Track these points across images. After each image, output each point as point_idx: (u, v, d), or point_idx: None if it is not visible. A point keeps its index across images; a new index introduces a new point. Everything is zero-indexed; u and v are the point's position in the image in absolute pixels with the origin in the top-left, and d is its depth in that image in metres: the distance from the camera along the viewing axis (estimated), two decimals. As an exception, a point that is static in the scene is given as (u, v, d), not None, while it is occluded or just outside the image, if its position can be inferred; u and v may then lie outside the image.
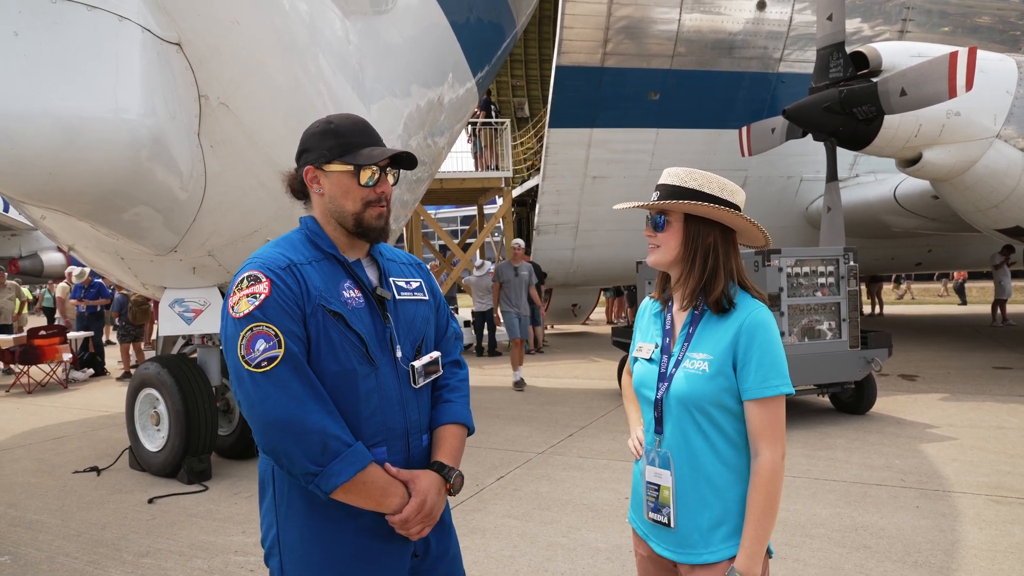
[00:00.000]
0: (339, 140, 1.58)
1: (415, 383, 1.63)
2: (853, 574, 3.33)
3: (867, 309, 19.60)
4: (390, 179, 1.63)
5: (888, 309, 20.82)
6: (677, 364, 1.62)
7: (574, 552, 3.71)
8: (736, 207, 1.63)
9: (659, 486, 1.63)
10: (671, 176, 1.65)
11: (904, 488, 4.55)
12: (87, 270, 11.80)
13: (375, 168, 1.59)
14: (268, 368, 1.42)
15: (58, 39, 3.18)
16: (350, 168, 1.57)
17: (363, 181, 1.58)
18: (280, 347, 1.44)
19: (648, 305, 1.84)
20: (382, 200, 1.62)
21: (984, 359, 10.15)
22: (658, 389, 1.65)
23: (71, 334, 11.44)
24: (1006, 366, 9.46)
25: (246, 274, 1.51)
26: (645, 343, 1.75)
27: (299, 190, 1.65)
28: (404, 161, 1.64)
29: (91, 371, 11.66)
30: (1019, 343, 11.89)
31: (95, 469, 5.64)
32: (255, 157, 4.34)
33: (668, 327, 1.70)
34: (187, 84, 3.83)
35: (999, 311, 15.32)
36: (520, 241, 9.79)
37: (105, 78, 3.34)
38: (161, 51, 3.61)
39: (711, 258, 1.62)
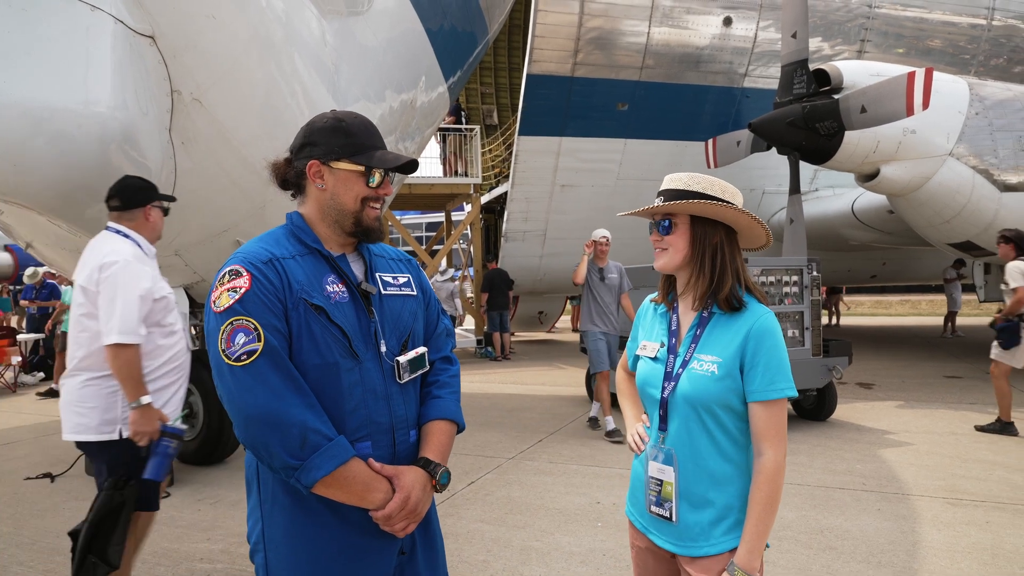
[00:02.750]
0: (350, 139, 1.59)
1: (400, 378, 1.62)
2: (821, 574, 3.40)
3: (824, 320, 20.08)
4: (390, 181, 1.66)
5: (844, 320, 21.38)
6: (684, 364, 1.66)
7: (548, 556, 3.71)
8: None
9: (662, 481, 1.66)
10: (674, 181, 1.69)
11: (865, 492, 4.68)
12: (40, 270, 11.40)
13: (382, 171, 1.61)
14: (248, 361, 1.42)
15: (27, 27, 3.08)
16: (360, 168, 1.59)
17: (370, 182, 1.60)
18: (259, 340, 1.43)
19: (650, 305, 1.87)
20: (380, 200, 1.64)
21: (936, 369, 10.51)
22: (664, 388, 1.68)
23: (21, 336, 11.03)
24: (957, 375, 9.80)
25: (228, 269, 1.50)
26: (649, 342, 1.78)
27: (291, 181, 1.64)
28: (406, 166, 1.65)
29: (41, 375, 11.25)
30: (968, 354, 12.33)
31: (48, 475, 5.43)
32: (227, 155, 4.25)
33: (674, 328, 1.73)
34: (160, 78, 3.74)
35: (950, 323, 15.89)
36: (605, 232, 6.69)
37: (75, 69, 3.24)
38: (134, 43, 3.51)
39: (719, 258, 1.66)
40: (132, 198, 2.96)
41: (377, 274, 1.67)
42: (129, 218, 2.97)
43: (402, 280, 1.73)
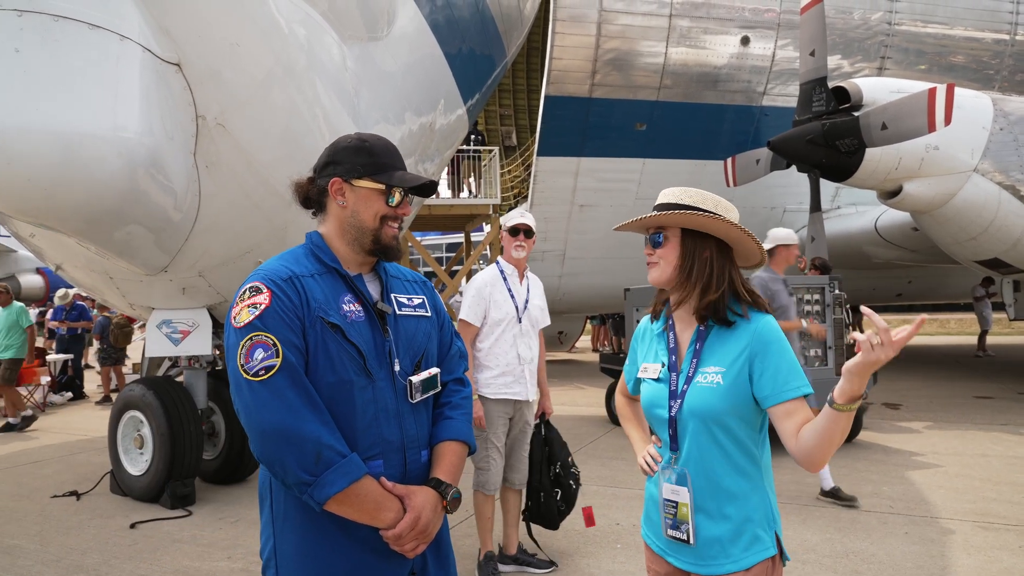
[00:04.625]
0: (372, 159, 1.63)
1: (412, 398, 1.63)
2: (846, 599, 3.33)
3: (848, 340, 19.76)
4: (409, 202, 1.69)
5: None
6: (688, 380, 1.64)
7: (567, 577, 3.68)
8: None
9: (677, 503, 1.63)
10: (667, 195, 1.69)
11: (893, 514, 4.57)
12: (71, 292, 11.65)
13: (401, 191, 1.65)
14: (265, 377, 1.44)
15: (59, 57, 3.20)
16: (381, 187, 1.62)
17: (390, 201, 1.64)
18: (278, 356, 1.45)
19: (646, 325, 1.84)
20: (399, 220, 1.67)
21: (966, 389, 10.27)
22: (671, 407, 1.65)
23: (50, 356, 11.24)
24: (987, 396, 9.58)
25: (249, 285, 1.53)
26: (650, 363, 1.75)
27: (313, 199, 1.68)
28: (425, 189, 1.69)
29: (69, 394, 11.44)
30: (999, 374, 12.05)
31: (75, 493, 5.51)
32: (250, 178, 4.34)
33: (673, 346, 1.72)
34: (185, 104, 3.84)
35: (982, 342, 15.61)
36: (790, 234, 5.10)
37: (104, 96, 3.35)
38: (161, 71, 3.63)
39: (707, 271, 1.65)
40: None
41: (393, 295, 1.70)
42: None
43: (417, 301, 1.75)
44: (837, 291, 6.50)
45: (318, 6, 4.60)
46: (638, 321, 6.99)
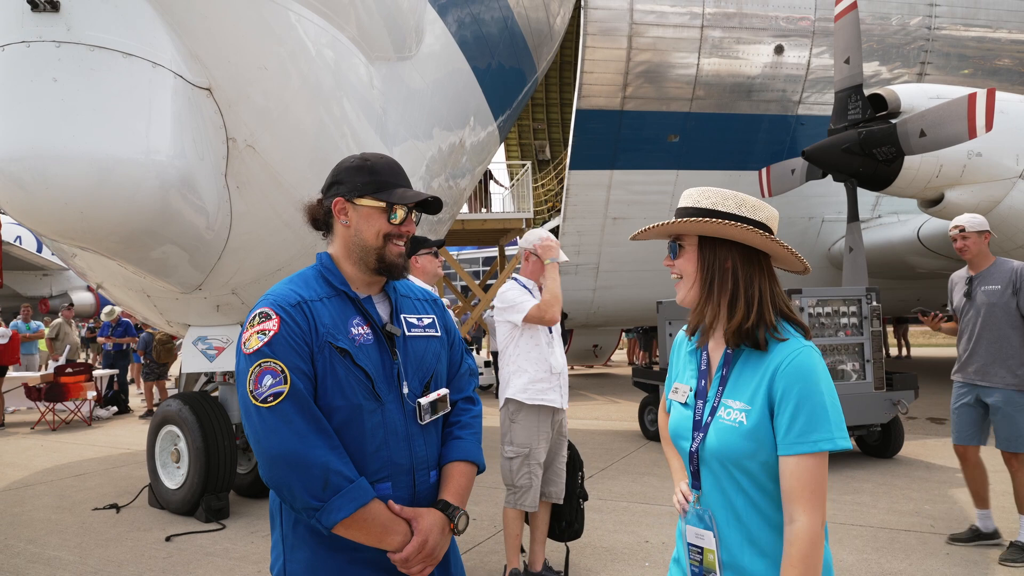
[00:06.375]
0: (374, 177, 1.63)
1: (421, 419, 1.63)
2: (881, 624, 3.21)
3: (894, 352, 19.23)
4: (414, 220, 1.69)
5: (916, 352, 20.38)
6: (712, 412, 1.46)
7: (592, 596, 3.63)
8: (760, 224, 1.44)
9: (702, 549, 1.45)
10: (687, 198, 1.51)
11: (933, 534, 4.41)
12: (117, 309, 12.03)
13: (404, 208, 1.65)
14: (274, 403, 1.45)
15: (94, 85, 3.34)
16: (382, 205, 1.62)
17: (392, 219, 1.63)
18: (286, 383, 1.46)
19: (682, 339, 1.65)
20: (403, 238, 1.66)
21: (1017, 403, 9.85)
22: (693, 439, 1.48)
23: (97, 372, 11.61)
24: (1040, 410, 9.17)
25: (258, 311, 1.54)
26: (680, 384, 1.58)
27: (321, 220, 1.69)
28: (430, 206, 1.69)
29: (115, 409, 11.79)
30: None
31: (115, 506, 5.66)
32: (279, 198, 4.45)
33: (703, 367, 1.53)
34: (216, 127, 3.97)
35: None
36: (966, 219, 4.50)
37: (138, 121, 3.48)
38: (192, 96, 3.75)
39: (730, 283, 1.44)
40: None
41: (402, 315, 1.70)
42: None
43: (427, 321, 1.76)
44: (875, 303, 6.33)
45: (345, 29, 4.71)
46: (671, 335, 6.92)
